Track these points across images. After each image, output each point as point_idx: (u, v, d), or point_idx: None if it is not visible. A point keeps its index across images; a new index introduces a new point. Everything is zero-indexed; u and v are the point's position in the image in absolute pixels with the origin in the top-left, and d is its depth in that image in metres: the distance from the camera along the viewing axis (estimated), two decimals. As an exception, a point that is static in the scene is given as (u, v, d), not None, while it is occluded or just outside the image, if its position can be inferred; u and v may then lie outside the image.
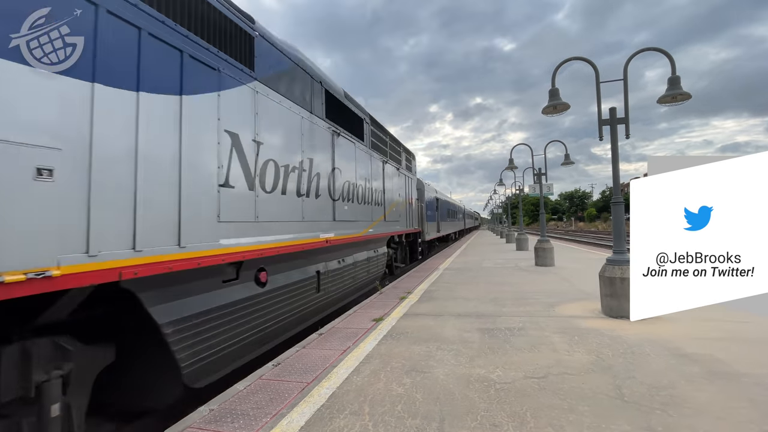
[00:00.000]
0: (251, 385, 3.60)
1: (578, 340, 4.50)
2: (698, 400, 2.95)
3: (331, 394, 3.30)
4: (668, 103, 5.87)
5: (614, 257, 5.67)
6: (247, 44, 4.45)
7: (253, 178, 4.38)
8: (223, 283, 4.02)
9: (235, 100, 4.12)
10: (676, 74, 5.73)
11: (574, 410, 2.86)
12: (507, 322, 5.44)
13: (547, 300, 6.81)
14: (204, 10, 3.80)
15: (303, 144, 5.61)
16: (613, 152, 5.89)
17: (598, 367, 3.66)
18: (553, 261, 11.93)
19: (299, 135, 5.54)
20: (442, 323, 5.49)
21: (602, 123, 5.94)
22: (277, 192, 4.91)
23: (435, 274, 10.96)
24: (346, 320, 5.97)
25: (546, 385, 3.32)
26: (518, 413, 2.85)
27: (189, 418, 3.03)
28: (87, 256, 2.52)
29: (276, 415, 2.99)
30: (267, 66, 4.81)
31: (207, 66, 3.75)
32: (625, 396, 3.06)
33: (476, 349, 4.33)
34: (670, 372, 3.50)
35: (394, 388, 3.35)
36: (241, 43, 4.34)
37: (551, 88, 6.47)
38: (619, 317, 5.39)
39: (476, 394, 3.18)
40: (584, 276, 9.49)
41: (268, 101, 4.78)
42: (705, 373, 3.45)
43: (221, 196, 3.84)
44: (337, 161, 6.80)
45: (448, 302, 6.94)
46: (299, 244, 5.28)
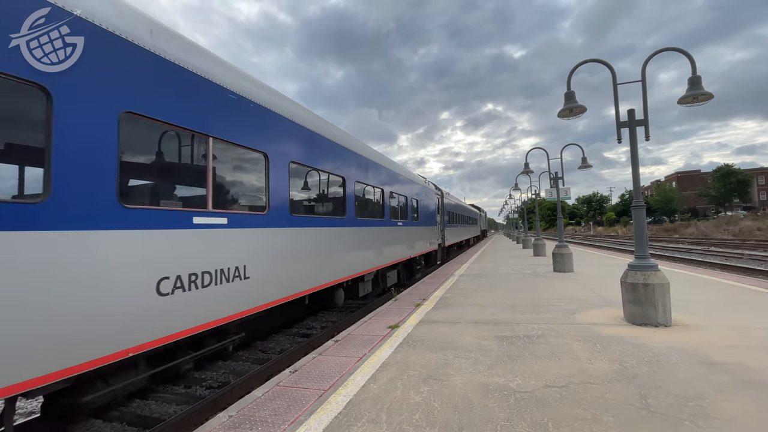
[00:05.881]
0: (269, 392, 3.63)
1: (600, 348, 4.38)
2: (729, 411, 2.83)
3: (348, 401, 3.30)
4: (689, 104, 5.72)
5: (636, 262, 5.52)
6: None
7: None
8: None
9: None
10: (697, 74, 5.59)
11: (599, 421, 2.78)
12: (526, 329, 5.34)
13: (567, 307, 6.67)
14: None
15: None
16: (632, 155, 5.76)
17: (622, 376, 3.55)
18: (572, 267, 11.69)
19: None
20: (458, 330, 5.42)
21: (620, 125, 5.83)
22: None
23: (450, 280, 10.87)
24: (361, 327, 5.96)
25: (568, 394, 3.24)
26: (539, 423, 2.78)
27: (209, 425, 3.07)
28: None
29: (294, 422, 3.00)
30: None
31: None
32: (651, 406, 2.96)
33: (494, 357, 4.26)
34: (698, 381, 3.37)
35: (411, 396, 3.33)
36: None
37: (567, 91, 6.39)
38: (643, 324, 5.23)
39: (495, 403, 3.12)
40: (605, 282, 9.26)
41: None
42: (736, 383, 3.30)
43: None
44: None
45: (464, 309, 6.86)
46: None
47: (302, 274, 5.66)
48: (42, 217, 2.47)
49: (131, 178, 3.42)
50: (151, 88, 3.32)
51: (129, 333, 2.99)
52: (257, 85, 5.02)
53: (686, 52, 5.60)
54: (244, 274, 4.30)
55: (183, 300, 3.46)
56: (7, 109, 2.56)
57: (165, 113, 3.45)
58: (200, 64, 3.96)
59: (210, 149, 3.99)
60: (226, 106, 4.23)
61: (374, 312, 7.10)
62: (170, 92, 3.53)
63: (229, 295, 4.09)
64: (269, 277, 4.82)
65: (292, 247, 5.42)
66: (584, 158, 12.85)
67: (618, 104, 5.97)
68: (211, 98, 4.02)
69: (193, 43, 4.06)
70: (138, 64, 3.20)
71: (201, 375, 5.33)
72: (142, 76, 3.23)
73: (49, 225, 2.51)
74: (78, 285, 2.64)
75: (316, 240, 6.12)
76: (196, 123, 3.79)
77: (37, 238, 2.44)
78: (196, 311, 3.62)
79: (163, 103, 3.44)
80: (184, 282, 3.48)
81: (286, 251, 5.29)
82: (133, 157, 3.38)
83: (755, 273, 13.75)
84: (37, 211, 2.45)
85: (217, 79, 4.14)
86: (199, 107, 3.85)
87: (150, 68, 3.31)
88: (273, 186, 5.01)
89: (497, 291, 8.67)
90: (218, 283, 3.90)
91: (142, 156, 3.58)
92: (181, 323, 3.44)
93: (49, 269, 2.48)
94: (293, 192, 5.57)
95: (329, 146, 6.80)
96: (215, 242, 3.91)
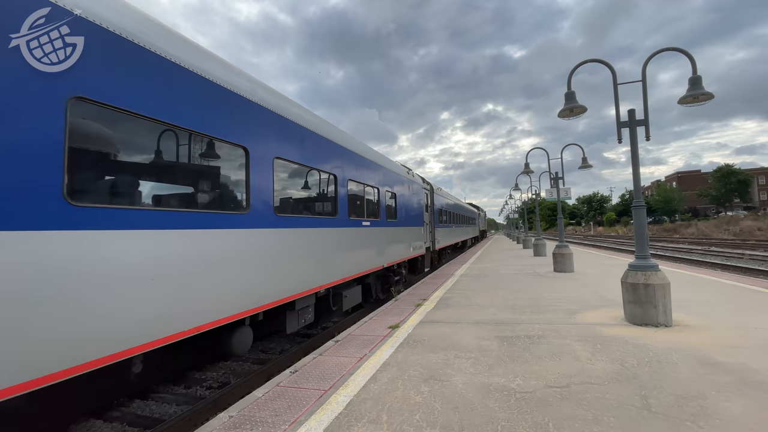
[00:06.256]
0: (270, 392, 3.62)
1: (601, 349, 4.38)
2: (730, 412, 2.83)
3: (348, 402, 3.29)
4: (689, 104, 5.72)
5: (637, 262, 5.51)
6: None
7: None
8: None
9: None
10: (698, 74, 5.59)
11: (599, 421, 2.78)
12: (526, 329, 5.34)
13: (568, 307, 6.66)
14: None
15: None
16: (633, 155, 5.76)
17: (622, 377, 3.55)
18: (572, 267, 11.68)
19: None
20: (459, 331, 5.42)
21: (621, 125, 5.82)
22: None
23: (451, 280, 10.86)
24: (362, 327, 5.96)
25: (568, 394, 3.23)
26: (540, 423, 2.78)
27: (209, 425, 3.06)
28: None
29: (294, 423, 3.00)
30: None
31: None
32: (652, 407, 2.96)
33: (495, 357, 4.26)
34: (699, 382, 3.37)
35: (412, 397, 3.32)
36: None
37: (567, 91, 6.39)
38: (644, 325, 5.23)
39: (496, 404, 3.12)
40: (606, 282, 9.26)
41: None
42: (737, 383, 3.30)
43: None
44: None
45: (465, 309, 6.86)
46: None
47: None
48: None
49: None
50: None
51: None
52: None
53: (687, 51, 5.60)
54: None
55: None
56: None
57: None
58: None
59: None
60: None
61: (375, 312, 7.10)
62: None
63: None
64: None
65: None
66: (584, 158, 12.84)
67: (618, 104, 5.97)
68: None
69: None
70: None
71: (201, 375, 5.33)
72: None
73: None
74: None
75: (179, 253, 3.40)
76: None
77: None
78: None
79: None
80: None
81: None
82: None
83: (756, 273, 13.74)
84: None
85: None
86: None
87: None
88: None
89: (498, 291, 8.66)
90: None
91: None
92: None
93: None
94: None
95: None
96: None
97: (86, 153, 2.81)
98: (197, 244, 3.56)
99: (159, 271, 3.16)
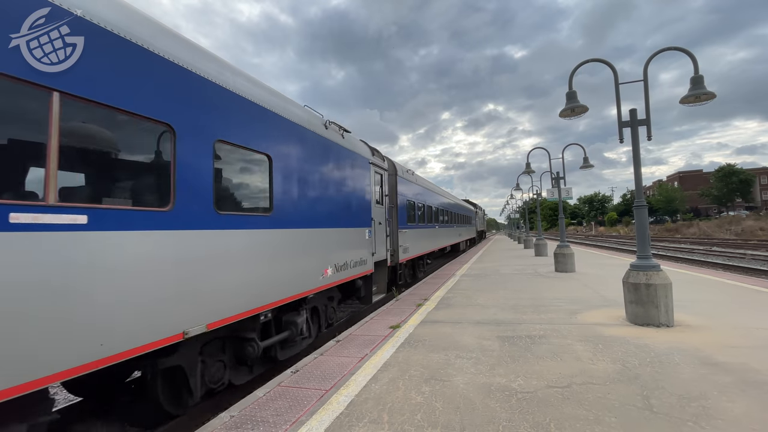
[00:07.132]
0: (271, 392, 3.62)
1: (602, 349, 4.37)
2: (732, 412, 2.82)
3: (349, 401, 3.29)
4: (691, 103, 5.70)
5: (638, 262, 5.50)
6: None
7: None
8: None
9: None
10: (699, 74, 5.57)
11: (601, 421, 2.77)
12: (527, 329, 5.33)
13: (569, 307, 6.65)
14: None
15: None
16: (634, 154, 5.74)
17: (624, 377, 3.54)
18: (573, 267, 11.66)
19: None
20: (460, 331, 5.42)
21: (622, 125, 5.81)
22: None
23: (452, 280, 10.86)
24: (363, 327, 5.96)
25: (570, 394, 3.23)
26: (541, 424, 2.77)
27: (210, 425, 3.07)
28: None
29: (295, 423, 3.00)
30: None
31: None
32: (654, 407, 2.95)
33: (496, 357, 4.25)
34: (701, 382, 3.36)
35: (413, 397, 3.32)
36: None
37: (568, 91, 6.38)
38: (645, 325, 5.22)
39: (497, 404, 3.12)
40: (607, 282, 9.24)
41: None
42: (739, 383, 3.29)
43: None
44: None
45: (466, 309, 6.85)
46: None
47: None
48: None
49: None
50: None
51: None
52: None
53: (688, 51, 5.59)
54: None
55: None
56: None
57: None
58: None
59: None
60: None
61: (376, 312, 7.10)
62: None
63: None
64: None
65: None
66: (586, 158, 12.82)
67: (620, 104, 5.95)
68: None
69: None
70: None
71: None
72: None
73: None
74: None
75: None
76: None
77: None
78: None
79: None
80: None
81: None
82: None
83: (758, 273, 13.70)
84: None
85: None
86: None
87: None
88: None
89: (499, 291, 8.66)
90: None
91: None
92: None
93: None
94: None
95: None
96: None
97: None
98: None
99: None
